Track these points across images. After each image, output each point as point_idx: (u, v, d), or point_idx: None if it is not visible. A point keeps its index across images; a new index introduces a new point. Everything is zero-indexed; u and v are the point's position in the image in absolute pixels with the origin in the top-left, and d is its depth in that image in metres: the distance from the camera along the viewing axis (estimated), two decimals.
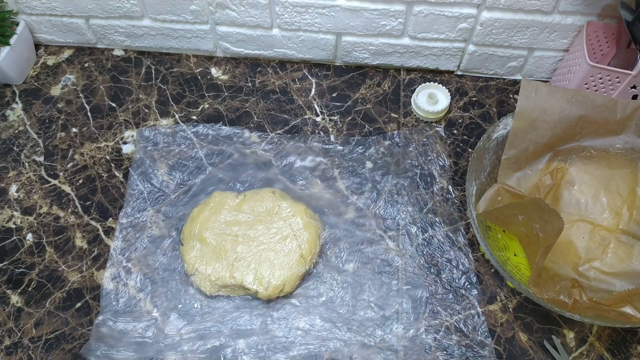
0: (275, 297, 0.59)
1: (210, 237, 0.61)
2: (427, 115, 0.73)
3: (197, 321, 0.58)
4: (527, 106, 0.62)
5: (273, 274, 0.59)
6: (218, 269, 0.60)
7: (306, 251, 0.60)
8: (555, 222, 0.52)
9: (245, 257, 0.60)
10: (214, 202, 0.63)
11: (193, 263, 0.61)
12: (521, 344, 0.58)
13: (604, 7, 0.68)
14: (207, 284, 0.60)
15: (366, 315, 0.59)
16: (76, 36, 0.79)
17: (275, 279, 0.59)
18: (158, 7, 0.73)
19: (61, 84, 0.77)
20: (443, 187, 0.68)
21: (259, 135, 0.72)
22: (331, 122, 0.74)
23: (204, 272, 0.60)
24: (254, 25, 0.74)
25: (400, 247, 0.63)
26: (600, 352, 0.58)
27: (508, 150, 0.63)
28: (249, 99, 0.76)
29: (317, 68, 0.79)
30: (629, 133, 0.63)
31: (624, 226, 0.63)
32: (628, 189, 0.64)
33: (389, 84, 0.78)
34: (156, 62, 0.80)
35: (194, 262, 0.61)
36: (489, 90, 0.78)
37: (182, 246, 0.62)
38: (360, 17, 0.71)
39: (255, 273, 0.59)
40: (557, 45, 0.73)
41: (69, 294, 0.60)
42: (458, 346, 0.57)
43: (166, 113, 0.74)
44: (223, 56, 0.80)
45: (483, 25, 0.70)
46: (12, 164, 0.69)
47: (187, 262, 0.61)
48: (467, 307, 0.60)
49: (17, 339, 0.57)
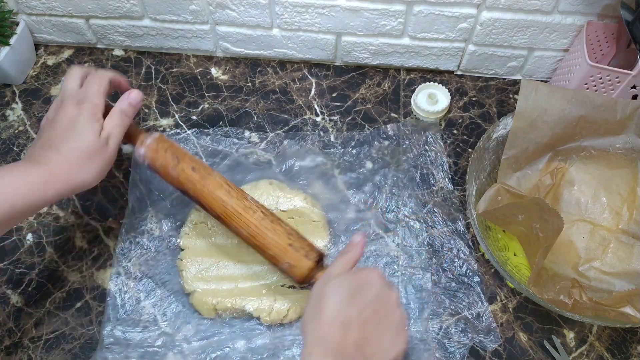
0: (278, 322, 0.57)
1: (212, 249, 0.60)
2: (427, 115, 0.73)
3: (203, 330, 0.58)
4: (527, 106, 0.62)
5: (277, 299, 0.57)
6: (218, 292, 0.58)
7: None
8: (555, 221, 0.52)
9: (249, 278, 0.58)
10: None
11: (191, 282, 0.59)
12: (521, 344, 0.58)
13: (604, 7, 0.68)
14: (205, 307, 0.57)
15: None
16: (76, 36, 0.79)
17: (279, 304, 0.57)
18: (158, 7, 0.73)
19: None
20: (443, 186, 0.68)
21: (259, 135, 0.72)
22: (331, 122, 0.74)
23: (201, 294, 0.58)
24: (254, 25, 0.74)
25: (401, 244, 0.63)
26: (600, 352, 0.58)
27: (508, 150, 0.63)
28: (249, 99, 0.76)
29: (317, 68, 0.79)
30: (629, 133, 0.63)
31: (624, 226, 0.63)
32: (628, 189, 0.64)
33: (389, 83, 0.78)
34: (156, 62, 0.80)
35: (191, 280, 0.59)
36: (489, 90, 0.78)
37: (180, 260, 0.60)
38: (360, 17, 0.71)
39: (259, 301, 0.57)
40: (557, 45, 0.73)
41: (69, 294, 0.60)
42: (463, 341, 0.57)
43: (166, 113, 0.74)
44: (223, 56, 0.80)
45: (483, 25, 0.70)
46: None
47: (184, 280, 0.59)
48: (472, 301, 0.60)
49: (17, 339, 0.57)
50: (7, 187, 0.48)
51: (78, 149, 0.50)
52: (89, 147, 0.51)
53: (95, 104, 0.53)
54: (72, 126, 0.51)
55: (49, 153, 0.50)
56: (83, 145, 0.51)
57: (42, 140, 0.52)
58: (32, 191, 0.48)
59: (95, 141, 0.51)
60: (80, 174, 0.51)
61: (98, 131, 0.52)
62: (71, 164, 0.50)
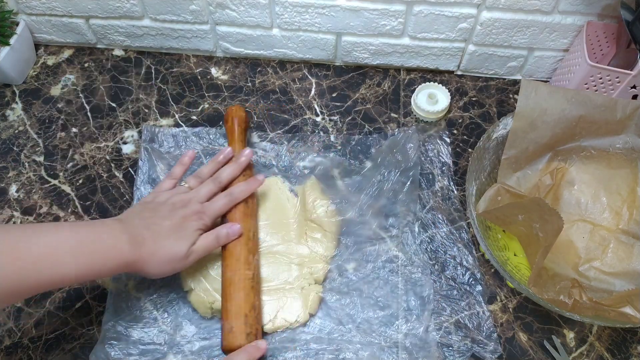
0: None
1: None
2: (427, 115, 0.73)
3: (203, 330, 0.57)
4: (527, 106, 0.62)
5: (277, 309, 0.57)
6: (215, 292, 0.57)
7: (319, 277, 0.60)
8: (555, 221, 0.52)
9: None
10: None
11: (190, 280, 0.58)
12: (521, 344, 0.58)
13: (604, 7, 0.68)
14: (202, 306, 0.57)
15: (372, 314, 0.59)
16: (76, 36, 0.79)
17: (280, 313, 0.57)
18: (158, 7, 0.73)
19: (61, 84, 0.77)
20: (443, 186, 0.68)
21: (259, 135, 0.72)
22: (331, 122, 0.74)
23: (199, 293, 0.57)
24: (254, 25, 0.74)
25: (402, 245, 0.63)
26: (600, 352, 0.58)
27: (508, 150, 0.63)
28: (249, 99, 0.76)
29: (317, 68, 0.79)
30: (629, 133, 0.63)
31: (624, 226, 0.63)
32: (628, 189, 0.64)
33: (389, 84, 0.78)
34: (156, 62, 0.80)
35: (190, 279, 0.58)
36: (489, 90, 0.78)
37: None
38: (360, 17, 0.71)
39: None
40: (557, 45, 0.73)
41: (69, 294, 0.60)
42: (463, 342, 0.57)
43: (166, 113, 0.74)
44: (223, 56, 0.80)
45: (483, 25, 0.70)
46: (12, 164, 0.70)
47: (183, 277, 0.59)
48: (472, 303, 0.60)
49: (17, 339, 0.57)
50: (108, 246, 0.49)
51: (169, 251, 0.52)
52: (176, 254, 0.53)
53: (208, 225, 0.56)
54: (178, 229, 0.53)
55: (146, 238, 0.51)
56: (173, 251, 0.52)
57: (149, 218, 0.53)
58: (116, 262, 0.50)
59: (184, 253, 0.53)
60: (151, 268, 0.52)
61: (192, 244, 0.54)
62: (155, 259, 0.52)
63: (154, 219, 0.53)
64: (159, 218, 0.53)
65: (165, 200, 0.55)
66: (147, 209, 0.54)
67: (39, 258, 0.45)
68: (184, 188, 0.58)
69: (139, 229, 0.52)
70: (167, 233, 0.52)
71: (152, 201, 0.56)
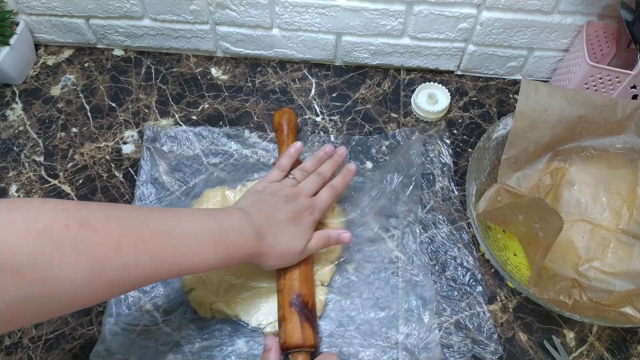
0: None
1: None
2: (427, 115, 0.73)
3: (204, 329, 0.57)
4: (527, 106, 0.62)
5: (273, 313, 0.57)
6: (215, 293, 0.57)
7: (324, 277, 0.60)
8: (555, 221, 0.52)
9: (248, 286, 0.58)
10: (207, 203, 0.63)
11: (190, 280, 0.58)
12: (521, 344, 0.58)
13: (604, 7, 0.68)
14: (202, 306, 0.57)
15: (372, 315, 0.59)
16: (76, 36, 0.79)
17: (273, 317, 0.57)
18: (158, 7, 0.73)
19: (61, 84, 0.77)
20: (444, 186, 0.68)
21: (259, 135, 0.72)
22: (331, 122, 0.74)
23: (199, 293, 0.57)
24: (254, 25, 0.74)
25: (403, 245, 0.63)
26: (600, 352, 0.58)
27: (508, 150, 0.63)
28: (249, 99, 0.76)
29: (317, 68, 0.79)
30: (629, 133, 0.63)
31: (624, 226, 0.63)
32: (628, 189, 0.64)
33: (389, 84, 0.78)
34: (156, 62, 0.80)
35: (191, 278, 0.58)
36: (489, 90, 0.78)
37: None
38: (360, 17, 0.71)
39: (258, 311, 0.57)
40: (557, 45, 0.73)
41: None
42: (464, 342, 0.57)
43: (166, 113, 0.74)
44: (223, 56, 0.80)
45: (483, 25, 0.70)
46: (12, 164, 0.70)
47: (183, 277, 0.59)
48: (472, 304, 0.60)
49: (17, 339, 0.57)
50: (242, 236, 0.50)
51: (287, 246, 0.53)
52: (293, 249, 0.54)
53: (317, 220, 0.57)
54: (295, 224, 0.54)
55: (267, 231, 0.52)
56: (291, 246, 0.54)
57: (266, 210, 0.54)
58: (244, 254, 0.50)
59: (301, 249, 0.54)
60: (268, 260, 0.53)
61: (308, 240, 0.55)
62: (273, 253, 0.53)
63: (270, 212, 0.54)
64: (275, 210, 0.54)
65: (276, 192, 0.56)
66: (261, 199, 0.55)
67: (183, 242, 0.46)
68: (291, 181, 0.59)
69: (260, 222, 0.52)
70: (285, 227, 0.53)
71: (264, 191, 0.56)
